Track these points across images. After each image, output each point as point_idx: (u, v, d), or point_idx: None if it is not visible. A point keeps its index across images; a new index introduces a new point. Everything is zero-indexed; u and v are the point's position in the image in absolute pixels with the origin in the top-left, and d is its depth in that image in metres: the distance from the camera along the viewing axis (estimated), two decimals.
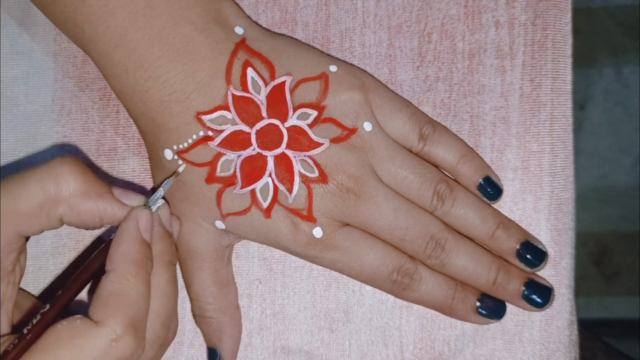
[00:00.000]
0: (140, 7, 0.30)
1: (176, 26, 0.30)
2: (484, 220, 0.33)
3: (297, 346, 0.35)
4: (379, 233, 0.32)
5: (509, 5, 0.34)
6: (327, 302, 0.35)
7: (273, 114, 0.31)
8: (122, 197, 0.29)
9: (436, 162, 0.33)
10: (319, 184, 0.31)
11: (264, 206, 0.31)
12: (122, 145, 0.35)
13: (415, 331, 0.35)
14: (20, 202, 0.27)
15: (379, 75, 0.34)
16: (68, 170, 0.28)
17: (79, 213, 0.28)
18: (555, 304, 0.34)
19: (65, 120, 0.35)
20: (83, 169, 0.28)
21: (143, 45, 0.30)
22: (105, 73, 0.31)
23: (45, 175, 0.27)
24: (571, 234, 0.35)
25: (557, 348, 0.34)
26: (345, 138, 0.31)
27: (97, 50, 0.30)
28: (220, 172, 0.31)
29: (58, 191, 0.27)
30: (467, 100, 0.34)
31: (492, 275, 0.33)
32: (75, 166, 0.28)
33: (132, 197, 0.30)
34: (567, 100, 0.34)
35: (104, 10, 0.29)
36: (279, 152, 0.31)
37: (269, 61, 0.31)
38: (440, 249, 0.32)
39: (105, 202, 0.29)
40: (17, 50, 0.35)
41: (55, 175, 0.27)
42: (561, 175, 0.34)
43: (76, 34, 0.31)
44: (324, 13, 0.35)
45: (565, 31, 0.34)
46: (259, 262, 0.35)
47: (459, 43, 0.34)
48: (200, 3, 0.31)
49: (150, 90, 0.30)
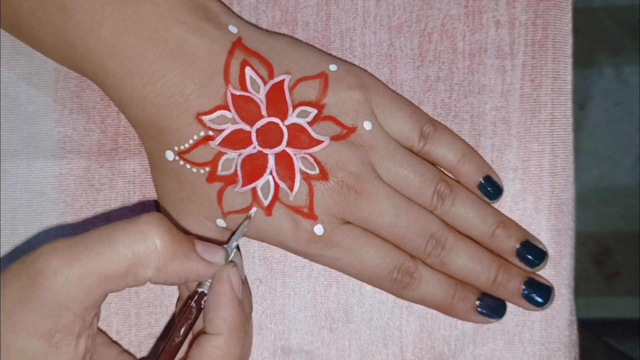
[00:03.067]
0: (128, 14, 0.29)
1: (167, 28, 0.30)
2: (484, 220, 0.33)
3: (298, 346, 0.35)
4: (379, 231, 0.32)
5: (509, 5, 0.34)
6: (328, 302, 0.35)
7: (273, 112, 0.31)
8: (205, 254, 0.29)
9: (436, 162, 0.33)
10: (320, 181, 0.31)
11: (265, 204, 0.31)
12: (123, 145, 0.35)
13: (416, 331, 0.35)
14: (109, 265, 0.26)
15: (380, 75, 0.35)
16: (157, 231, 0.27)
17: (167, 274, 0.28)
18: (555, 304, 0.34)
19: (66, 120, 0.35)
20: (169, 228, 0.27)
21: (136, 51, 0.30)
22: (102, 85, 0.31)
23: (134, 237, 0.27)
24: (571, 234, 0.35)
25: (557, 348, 0.34)
26: (345, 136, 0.31)
27: (91, 65, 0.30)
28: (221, 171, 0.31)
29: (147, 254, 0.27)
30: (468, 100, 0.35)
31: (492, 274, 0.33)
32: (163, 226, 0.27)
33: (215, 253, 0.29)
34: (567, 100, 0.34)
35: (92, 23, 0.29)
36: (279, 150, 0.31)
37: (266, 60, 0.31)
38: (440, 248, 0.32)
39: (191, 262, 0.28)
40: (19, 50, 0.35)
41: (144, 237, 0.27)
42: (561, 175, 0.34)
43: (68, 54, 0.30)
44: (324, 13, 0.35)
45: (565, 31, 0.34)
46: (259, 262, 0.35)
47: (460, 43, 0.35)
48: (187, 2, 0.30)
49: (148, 96, 0.30)
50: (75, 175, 0.35)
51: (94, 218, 0.35)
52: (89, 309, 0.27)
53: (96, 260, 0.26)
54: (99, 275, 0.26)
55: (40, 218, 0.35)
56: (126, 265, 0.26)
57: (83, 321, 0.27)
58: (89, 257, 0.26)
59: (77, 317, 0.26)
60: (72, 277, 0.26)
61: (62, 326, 0.26)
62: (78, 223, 0.35)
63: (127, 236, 0.27)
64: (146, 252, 0.27)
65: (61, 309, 0.26)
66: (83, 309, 0.26)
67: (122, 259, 0.26)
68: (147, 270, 0.27)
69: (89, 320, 0.27)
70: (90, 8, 0.29)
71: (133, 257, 0.26)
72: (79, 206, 0.35)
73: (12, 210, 0.35)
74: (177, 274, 0.28)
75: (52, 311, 0.26)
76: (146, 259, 0.27)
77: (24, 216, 0.35)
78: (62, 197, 0.35)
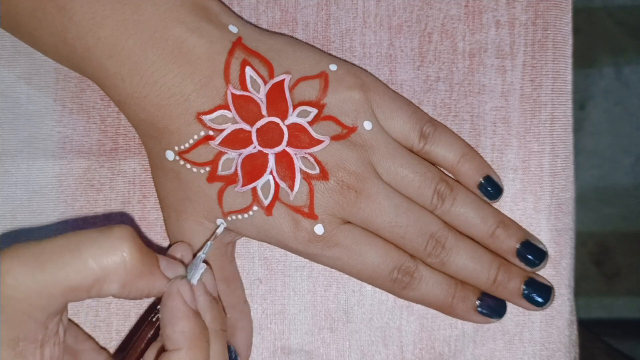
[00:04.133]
0: (127, 14, 0.29)
1: (167, 28, 0.30)
2: (484, 220, 0.33)
3: (298, 346, 0.35)
4: (380, 231, 0.32)
5: (509, 5, 0.34)
6: (328, 302, 0.35)
7: (273, 112, 0.31)
8: (167, 271, 0.29)
9: (436, 161, 0.33)
10: (320, 181, 0.31)
11: (265, 204, 0.31)
12: (123, 145, 0.35)
13: (416, 331, 0.35)
14: (75, 277, 0.26)
15: (380, 75, 0.35)
16: (127, 247, 0.26)
17: (130, 291, 0.27)
18: (555, 304, 0.34)
19: (66, 121, 0.35)
20: (139, 245, 0.27)
21: (136, 51, 0.29)
22: (102, 85, 0.31)
23: (103, 250, 0.26)
24: (571, 234, 0.35)
25: (557, 348, 0.34)
26: (346, 136, 0.31)
27: (91, 65, 0.30)
28: (221, 171, 0.31)
29: (115, 270, 0.26)
30: (468, 100, 0.35)
31: (492, 274, 0.33)
32: (133, 242, 0.27)
33: (176, 271, 0.29)
34: (567, 100, 0.34)
35: (92, 23, 0.29)
36: (279, 150, 0.31)
37: (267, 60, 0.31)
38: (440, 247, 0.32)
39: (155, 278, 0.28)
40: (19, 50, 0.35)
41: (115, 252, 0.26)
42: (561, 175, 0.34)
43: (68, 54, 0.30)
44: (324, 13, 0.35)
45: (565, 31, 0.34)
46: (260, 262, 0.35)
47: (460, 43, 0.35)
48: (187, 2, 0.30)
49: (148, 95, 0.30)
50: (75, 175, 0.35)
51: (94, 218, 0.35)
52: (51, 317, 0.26)
53: (63, 270, 0.25)
54: (64, 286, 0.25)
55: (40, 218, 0.35)
56: (92, 280, 0.26)
57: (46, 329, 0.26)
58: (56, 266, 0.25)
59: (39, 325, 0.26)
60: (36, 286, 0.25)
61: (25, 335, 0.26)
62: (78, 223, 0.35)
63: (97, 248, 0.26)
64: (114, 267, 0.26)
65: (24, 318, 0.25)
66: (45, 317, 0.26)
67: (88, 272, 0.26)
68: (112, 285, 0.26)
69: (53, 328, 0.27)
70: (89, 8, 0.29)
71: (100, 272, 0.26)
72: (79, 206, 0.35)
73: (12, 210, 0.35)
74: (141, 291, 0.28)
75: (16, 319, 0.25)
76: (113, 274, 0.26)
77: (24, 216, 0.35)
78: (62, 197, 0.35)
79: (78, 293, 0.26)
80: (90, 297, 0.27)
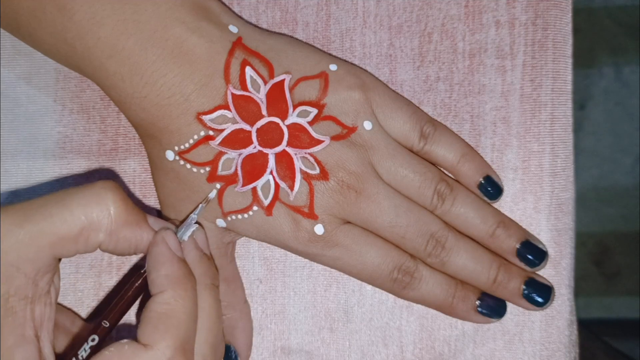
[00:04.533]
0: (127, 14, 0.29)
1: (167, 28, 0.30)
2: (484, 220, 0.33)
3: (298, 346, 0.35)
4: (380, 231, 0.32)
5: (509, 5, 0.34)
6: (328, 302, 0.35)
7: (273, 112, 0.31)
8: (155, 226, 0.29)
9: (437, 161, 0.33)
10: (320, 181, 0.31)
11: (265, 204, 0.31)
12: (123, 145, 0.35)
13: (416, 331, 0.35)
14: (62, 226, 0.26)
15: (380, 75, 0.35)
16: (112, 197, 0.27)
17: (117, 241, 0.28)
18: (555, 304, 0.34)
19: (66, 121, 0.35)
20: (124, 196, 0.28)
21: (136, 51, 0.29)
22: (102, 85, 0.31)
23: (89, 200, 0.27)
24: (571, 234, 0.35)
25: (557, 348, 0.34)
26: (346, 136, 0.31)
27: (91, 65, 0.30)
28: (221, 171, 0.31)
29: (100, 218, 0.27)
30: (468, 100, 0.35)
31: (493, 274, 0.33)
32: (118, 193, 0.27)
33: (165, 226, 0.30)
34: (567, 100, 0.34)
35: (92, 23, 0.29)
36: (279, 150, 0.31)
37: (267, 60, 0.31)
38: (440, 247, 0.32)
39: (142, 231, 0.28)
40: (19, 50, 0.35)
41: (99, 201, 0.27)
42: (561, 175, 0.34)
43: (68, 53, 0.30)
44: (324, 13, 0.35)
45: (565, 31, 0.34)
46: (260, 262, 0.35)
47: (460, 43, 0.35)
48: (187, 2, 0.30)
49: (148, 95, 0.30)
50: (75, 175, 0.35)
51: None
52: (40, 272, 0.27)
53: (49, 220, 0.26)
54: (51, 235, 0.26)
55: None
56: (79, 228, 0.26)
57: (36, 286, 0.27)
58: (42, 217, 0.26)
59: (29, 280, 0.26)
60: (23, 237, 0.26)
61: (15, 289, 0.26)
62: None
63: (82, 199, 0.27)
64: (99, 216, 0.27)
65: (12, 270, 0.26)
66: (35, 272, 0.26)
67: (75, 220, 0.26)
68: (99, 234, 0.27)
69: (43, 287, 0.27)
70: (90, 8, 0.29)
71: (86, 220, 0.27)
72: None
73: None
74: (128, 242, 0.28)
75: (5, 272, 0.26)
76: (99, 222, 0.27)
77: None
78: None
79: (66, 244, 0.27)
80: (79, 251, 0.27)
